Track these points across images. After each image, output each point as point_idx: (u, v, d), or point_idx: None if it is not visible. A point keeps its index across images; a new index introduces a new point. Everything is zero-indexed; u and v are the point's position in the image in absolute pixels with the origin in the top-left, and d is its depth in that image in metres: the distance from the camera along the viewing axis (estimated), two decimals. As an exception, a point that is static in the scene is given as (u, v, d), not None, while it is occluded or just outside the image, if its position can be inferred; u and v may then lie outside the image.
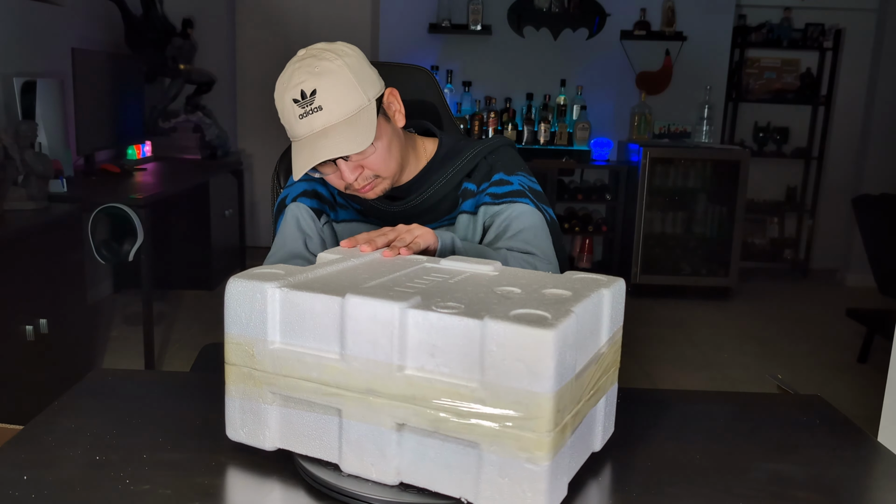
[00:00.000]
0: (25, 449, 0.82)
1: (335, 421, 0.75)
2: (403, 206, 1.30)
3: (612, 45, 4.81)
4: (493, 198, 1.29)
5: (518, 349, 0.66)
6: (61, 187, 2.84)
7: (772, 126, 5.19)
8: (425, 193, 1.29)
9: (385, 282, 0.79)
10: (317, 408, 0.76)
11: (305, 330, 0.75)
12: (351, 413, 0.74)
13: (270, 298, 0.77)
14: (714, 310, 4.36)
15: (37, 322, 2.33)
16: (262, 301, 0.77)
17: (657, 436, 0.94)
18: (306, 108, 1.14)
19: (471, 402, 0.68)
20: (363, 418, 0.73)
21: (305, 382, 0.76)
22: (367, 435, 0.73)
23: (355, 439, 0.74)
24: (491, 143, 1.34)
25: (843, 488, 0.82)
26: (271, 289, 0.77)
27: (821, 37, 4.99)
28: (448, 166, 1.31)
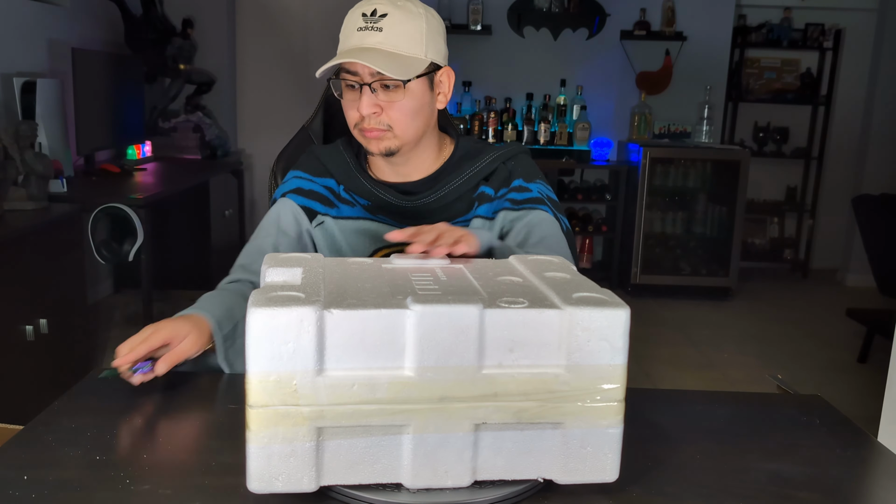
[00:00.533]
0: (25, 449, 0.82)
1: (398, 439, 0.72)
2: (416, 201, 1.26)
3: (612, 45, 4.81)
4: (512, 203, 1.27)
5: (602, 329, 0.71)
6: (61, 187, 2.84)
7: (772, 126, 5.19)
8: (440, 192, 1.26)
9: (411, 287, 0.77)
10: (375, 430, 0.71)
11: (363, 350, 0.70)
12: (423, 425, 0.71)
13: (315, 324, 0.68)
14: (714, 310, 4.36)
15: (37, 322, 2.33)
16: (304, 329, 0.68)
17: (657, 436, 0.94)
18: (368, 25, 1.14)
19: (554, 387, 0.72)
20: (437, 428, 0.71)
21: (366, 406, 0.70)
22: (441, 443, 0.71)
23: (428, 451, 0.71)
24: (509, 149, 1.32)
25: (843, 488, 0.82)
26: (312, 313, 0.68)
27: (821, 37, 4.98)
28: (465, 167, 1.28)
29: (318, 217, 1.29)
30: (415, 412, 0.70)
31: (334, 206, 1.30)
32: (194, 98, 4.45)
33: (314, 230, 1.29)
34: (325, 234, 1.28)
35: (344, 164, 1.31)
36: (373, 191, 1.28)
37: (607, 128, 4.89)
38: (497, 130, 4.66)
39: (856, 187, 4.96)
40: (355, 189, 1.29)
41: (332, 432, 0.71)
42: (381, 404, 0.70)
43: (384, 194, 1.27)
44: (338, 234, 1.28)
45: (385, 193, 1.27)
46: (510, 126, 4.66)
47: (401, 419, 0.70)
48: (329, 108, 1.56)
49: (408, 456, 0.72)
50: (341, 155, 1.32)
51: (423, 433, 0.71)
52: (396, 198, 1.27)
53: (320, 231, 1.29)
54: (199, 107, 4.44)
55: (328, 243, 1.29)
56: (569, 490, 0.79)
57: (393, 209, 1.27)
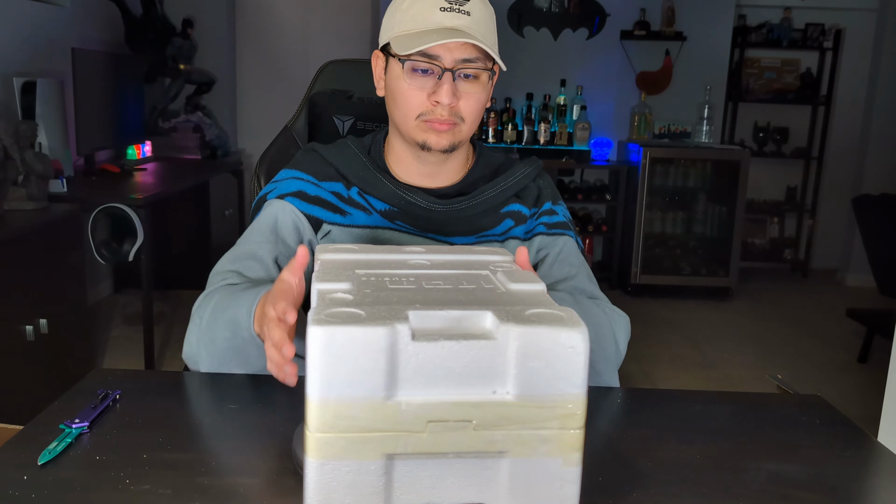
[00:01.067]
0: (25, 449, 0.82)
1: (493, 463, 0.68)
2: (448, 206, 1.16)
3: (612, 45, 4.81)
4: (546, 227, 1.22)
5: (554, 359, 0.64)
6: (61, 187, 2.84)
7: (772, 126, 5.20)
8: (472, 200, 1.17)
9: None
10: (448, 455, 0.67)
11: (438, 376, 0.65)
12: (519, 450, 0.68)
13: (402, 347, 0.63)
14: (714, 310, 4.36)
15: (37, 322, 2.33)
16: (391, 352, 0.63)
17: (657, 436, 0.94)
18: (454, 6, 1.06)
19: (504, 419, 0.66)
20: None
21: (436, 435, 0.66)
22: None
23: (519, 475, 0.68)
24: (535, 166, 1.25)
25: (843, 488, 0.82)
26: (383, 335, 0.62)
27: (821, 37, 4.99)
28: (499, 180, 1.20)
29: (323, 227, 1.17)
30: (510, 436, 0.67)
31: (343, 213, 1.17)
32: (194, 98, 4.45)
33: (320, 241, 1.17)
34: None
35: (360, 164, 1.18)
36: (397, 192, 1.15)
37: (607, 128, 4.89)
38: (497, 130, 4.66)
39: (856, 187, 4.96)
40: (375, 191, 1.16)
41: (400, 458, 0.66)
42: (471, 429, 0.66)
43: (412, 196, 1.15)
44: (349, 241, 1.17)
45: (413, 195, 1.15)
46: (510, 126, 4.66)
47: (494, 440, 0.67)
48: (313, 108, 1.51)
49: (504, 480, 0.68)
50: (355, 155, 1.19)
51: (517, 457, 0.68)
52: (426, 200, 1.15)
53: (327, 242, 1.17)
54: (199, 107, 4.44)
55: None
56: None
57: (417, 214, 1.16)
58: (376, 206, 1.17)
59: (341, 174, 1.19)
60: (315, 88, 1.55)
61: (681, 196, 4.65)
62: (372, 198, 1.17)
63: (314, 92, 1.55)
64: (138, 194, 2.91)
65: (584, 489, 0.79)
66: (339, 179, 1.19)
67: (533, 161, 1.26)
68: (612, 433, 0.92)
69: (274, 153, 1.48)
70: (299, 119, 1.51)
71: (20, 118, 2.96)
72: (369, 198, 1.17)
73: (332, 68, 1.56)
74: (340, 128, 1.53)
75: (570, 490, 0.68)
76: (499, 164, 1.25)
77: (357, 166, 1.18)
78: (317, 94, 1.54)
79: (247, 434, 0.92)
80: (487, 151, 1.28)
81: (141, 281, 2.92)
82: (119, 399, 0.96)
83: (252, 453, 0.86)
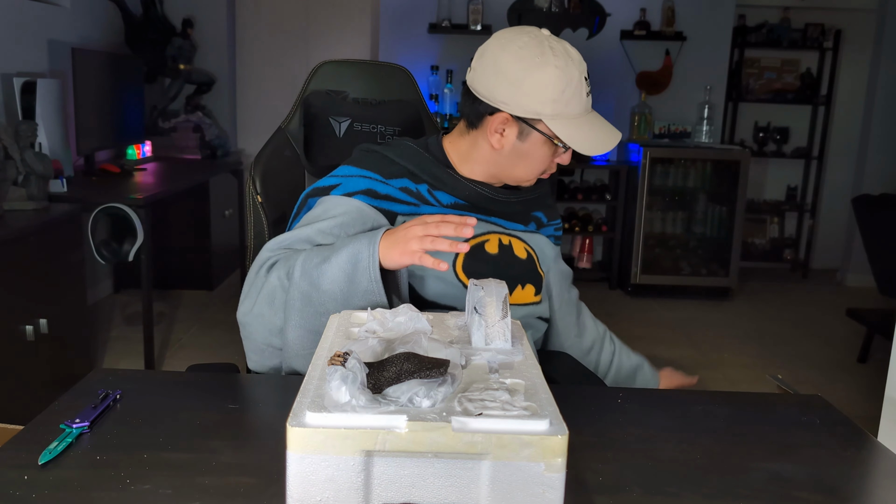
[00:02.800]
0: (25, 449, 0.82)
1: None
2: (510, 198, 1.30)
3: (612, 45, 4.81)
4: (555, 240, 1.42)
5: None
6: (61, 187, 2.83)
7: (772, 126, 5.20)
8: (522, 198, 1.32)
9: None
10: None
11: None
12: None
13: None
14: (714, 310, 4.36)
15: (37, 322, 2.33)
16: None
17: (657, 436, 0.94)
18: (588, 89, 1.20)
19: None
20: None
21: None
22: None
23: None
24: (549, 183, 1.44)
25: (843, 488, 0.82)
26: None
27: (821, 37, 4.99)
28: (538, 187, 1.35)
29: (398, 219, 1.23)
30: None
31: (415, 204, 1.25)
32: (194, 98, 4.45)
33: None
34: None
35: (428, 162, 1.27)
36: (468, 185, 1.26)
37: (607, 128, 4.89)
38: (497, 130, 4.65)
39: (856, 187, 4.96)
40: (446, 185, 1.26)
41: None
42: None
43: (480, 188, 1.27)
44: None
45: (481, 188, 1.27)
46: (510, 126, 4.66)
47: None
48: (309, 109, 1.50)
49: (485, 483, 0.68)
50: (420, 154, 1.28)
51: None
52: (492, 192, 1.27)
53: None
54: (199, 107, 4.44)
55: None
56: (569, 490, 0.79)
57: (484, 204, 1.27)
58: (443, 200, 1.26)
59: (409, 171, 1.26)
60: (309, 89, 1.54)
61: (681, 196, 4.65)
62: (441, 192, 1.26)
63: (309, 93, 1.53)
64: (138, 194, 2.91)
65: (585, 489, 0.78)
66: (406, 175, 1.26)
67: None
68: (612, 433, 0.92)
69: (269, 154, 1.46)
70: (293, 120, 1.50)
71: (20, 118, 2.96)
72: (438, 193, 1.26)
73: (326, 69, 1.55)
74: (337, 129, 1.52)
75: (552, 496, 0.66)
76: None
77: (426, 164, 1.26)
78: (312, 95, 1.53)
79: (247, 434, 0.92)
80: None
81: (141, 281, 2.92)
82: (119, 399, 0.96)
83: (252, 453, 0.86)
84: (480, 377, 0.76)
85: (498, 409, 0.68)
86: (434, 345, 0.79)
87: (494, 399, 0.70)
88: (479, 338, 0.83)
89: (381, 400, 0.69)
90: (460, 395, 0.71)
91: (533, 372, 0.78)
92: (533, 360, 0.82)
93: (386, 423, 0.65)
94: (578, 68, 1.18)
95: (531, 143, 1.21)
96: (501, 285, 0.87)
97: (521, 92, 1.17)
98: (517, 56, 1.16)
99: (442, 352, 0.78)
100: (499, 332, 0.83)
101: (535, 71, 1.16)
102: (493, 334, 0.83)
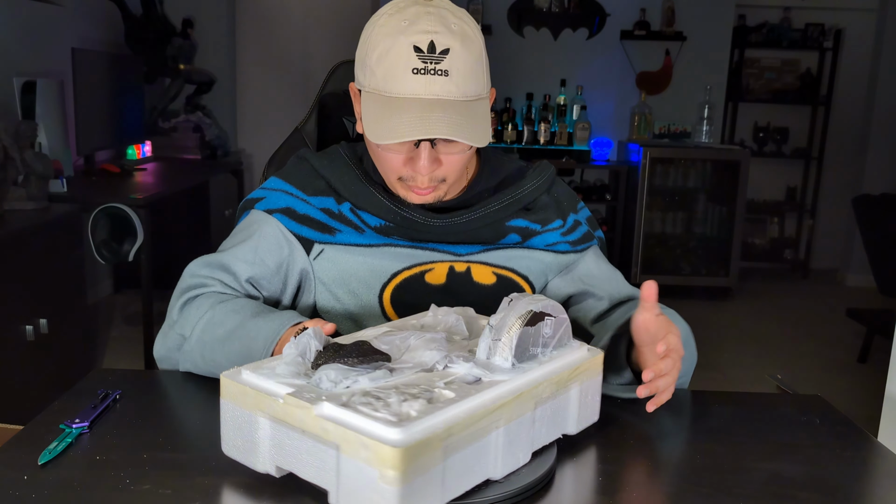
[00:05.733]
0: (25, 449, 0.82)
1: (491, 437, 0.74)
2: (447, 220, 1.09)
3: (612, 45, 4.81)
4: (571, 245, 1.16)
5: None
6: (61, 187, 2.84)
7: (772, 126, 5.20)
8: (474, 214, 1.10)
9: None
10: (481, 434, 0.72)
11: None
12: (510, 415, 0.76)
13: None
14: (714, 310, 4.36)
15: (37, 322, 2.33)
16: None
17: (657, 436, 0.94)
18: (429, 65, 0.93)
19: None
20: (518, 413, 0.77)
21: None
22: (518, 428, 0.77)
23: (511, 439, 0.76)
24: (546, 175, 1.17)
25: (843, 488, 0.82)
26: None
27: (821, 37, 4.99)
28: (504, 194, 1.13)
29: (315, 247, 1.10)
30: (505, 405, 0.73)
31: (333, 231, 1.10)
32: (194, 98, 4.45)
33: (313, 263, 1.11)
34: (329, 265, 1.10)
35: (352, 177, 1.11)
36: (392, 207, 1.08)
37: (607, 128, 4.89)
38: (497, 130, 4.66)
39: (856, 187, 4.96)
40: (369, 206, 1.09)
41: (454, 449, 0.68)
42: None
43: (407, 212, 1.08)
44: (344, 264, 1.10)
45: (409, 211, 1.08)
46: (510, 126, 4.66)
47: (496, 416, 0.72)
48: (324, 109, 1.47)
49: (497, 450, 0.73)
50: (347, 167, 1.12)
51: (509, 423, 0.73)
52: (423, 216, 1.08)
53: (322, 263, 1.10)
54: (199, 107, 4.44)
55: (335, 276, 1.10)
56: (570, 490, 0.79)
57: (415, 229, 1.09)
58: (370, 222, 1.10)
59: (332, 188, 1.12)
60: (327, 89, 1.53)
61: (681, 196, 4.65)
62: (365, 213, 1.10)
63: (325, 92, 1.52)
64: (138, 194, 2.91)
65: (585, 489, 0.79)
66: (330, 194, 1.12)
67: (543, 170, 1.18)
68: (611, 433, 0.92)
69: (283, 155, 1.43)
70: (310, 120, 1.46)
71: (20, 118, 2.96)
72: (362, 213, 1.10)
73: (345, 69, 1.53)
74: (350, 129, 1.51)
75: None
76: (506, 175, 1.18)
77: (349, 179, 1.11)
78: (327, 95, 1.51)
79: (247, 434, 0.92)
80: (496, 158, 1.19)
81: (141, 281, 2.92)
82: (119, 399, 0.96)
83: (252, 453, 0.86)
84: (428, 380, 0.75)
85: (367, 407, 0.67)
86: (421, 342, 0.80)
87: (388, 399, 0.69)
88: (483, 349, 0.81)
89: (309, 375, 0.74)
90: (386, 389, 0.72)
91: (485, 395, 0.73)
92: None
93: (273, 390, 0.72)
94: (415, 37, 0.94)
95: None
96: (536, 302, 0.82)
97: (356, 55, 1.03)
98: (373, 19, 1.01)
99: (419, 351, 0.79)
100: (500, 348, 0.79)
101: (366, 29, 1.00)
102: (495, 348, 0.80)
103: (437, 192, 1.06)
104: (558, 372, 0.81)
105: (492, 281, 1.11)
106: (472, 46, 0.97)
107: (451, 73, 0.94)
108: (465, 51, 0.96)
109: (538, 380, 0.78)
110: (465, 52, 0.96)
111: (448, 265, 1.10)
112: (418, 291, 1.09)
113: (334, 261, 1.10)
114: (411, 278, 1.09)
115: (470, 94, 0.97)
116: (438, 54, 0.94)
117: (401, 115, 0.94)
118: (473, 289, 1.10)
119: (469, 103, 0.97)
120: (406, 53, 0.94)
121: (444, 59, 0.94)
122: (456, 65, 0.95)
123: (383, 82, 0.96)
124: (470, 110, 0.96)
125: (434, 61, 0.94)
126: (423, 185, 1.03)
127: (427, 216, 1.09)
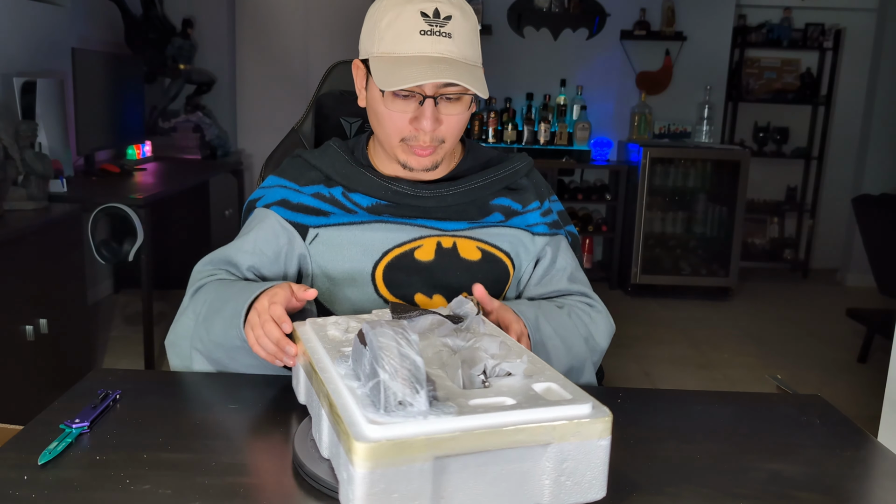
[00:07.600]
0: (25, 449, 0.82)
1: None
2: (435, 191, 1.17)
3: (612, 45, 4.81)
4: (548, 227, 1.25)
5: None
6: (61, 187, 2.83)
7: (772, 126, 5.19)
8: (461, 187, 1.19)
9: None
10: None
11: None
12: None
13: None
14: (714, 310, 4.35)
15: (37, 322, 2.33)
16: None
17: (657, 436, 0.94)
18: (434, 28, 1.04)
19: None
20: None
21: None
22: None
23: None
24: (526, 162, 1.27)
25: (843, 488, 0.82)
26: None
27: (821, 37, 4.98)
28: (489, 172, 1.22)
29: (310, 231, 1.18)
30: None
31: (327, 213, 1.18)
32: (194, 98, 4.45)
33: (309, 247, 1.18)
34: (324, 248, 1.17)
35: (342, 163, 1.20)
36: (383, 184, 1.17)
37: (607, 128, 4.89)
38: (497, 130, 4.66)
39: (856, 187, 4.96)
40: (360, 186, 1.18)
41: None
42: None
43: (397, 185, 1.17)
44: (338, 245, 1.17)
45: (398, 185, 1.17)
46: (510, 126, 4.66)
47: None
48: (321, 110, 1.49)
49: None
50: (338, 154, 1.22)
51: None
52: (413, 188, 1.17)
53: (317, 247, 1.18)
54: (199, 107, 4.44)
55: (330, 258, 1.17)
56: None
57: (404, 204, 1.17)
58: (361, 203, 1.18)
59: (325, 175, 1.21)
60: (323, 90, 1.53)
61: (681, 196, 4.65)
62: (357, 195, 1.19)
63: (322, 93, 1.52)
64: (138, 194, 2.91)
65: (584, 489, 0.78)
66: (322, 181, 1.21)
67: (524, 157, 1.28)
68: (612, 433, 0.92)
69: (280, 155, 1.44)
70: (307, 121, 1.48)
71: (20, 118, 2.96)
72: (354, 195, 1.19)
73: (341, 69, 1.53)
74: (348, 129, 1.51)
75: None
76: (490, 158, 1.27)
77: (340, 165, 1.20)
78: (324, 96, 1.52)
79: (247, 434, 0.92)
80: (477, 147, 1.29)
81: (141, 281, 2.92)
82: (119, 399, 0.96)
83: (252, 453, 0.86)
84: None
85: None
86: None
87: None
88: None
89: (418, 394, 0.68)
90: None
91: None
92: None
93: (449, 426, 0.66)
94: (421, 4, 1.05)
95: (373, 96, 1.12)
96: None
97: (363, 31, 1.12)
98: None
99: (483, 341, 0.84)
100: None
101: (373, 6, 1.11)
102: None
103: (435, 155, 1.14)
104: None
105: (477, 256, 1.18)
106: (470, 17, 1.09)
107: (454, 36, 1.06)
108: (465, 20, 1.08)
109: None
110: (464, 20, 1.08)
111: (436, 240, 1.17)
112: (409, 268, 1.16)
113: (328, 242, 1.17)
114: (402, 255, 1.16)
115: (470, 58, 1.08)
116: (443, 19, 1.06)
117: (410, 67, 1.04)
118: (460, 264, 1.17)
119: (472, 67, 1.08)
120: (414, 18, 1.05)
121: (448, 23, 1.06)
122: (458, 30, 1.06)
123: (392, 45, 1.06)
124: (474, 70, 1.08)
125: (439, 24, 1.05)
126: (426, 143, 1.11)
127: (417, 188, 1.17)
